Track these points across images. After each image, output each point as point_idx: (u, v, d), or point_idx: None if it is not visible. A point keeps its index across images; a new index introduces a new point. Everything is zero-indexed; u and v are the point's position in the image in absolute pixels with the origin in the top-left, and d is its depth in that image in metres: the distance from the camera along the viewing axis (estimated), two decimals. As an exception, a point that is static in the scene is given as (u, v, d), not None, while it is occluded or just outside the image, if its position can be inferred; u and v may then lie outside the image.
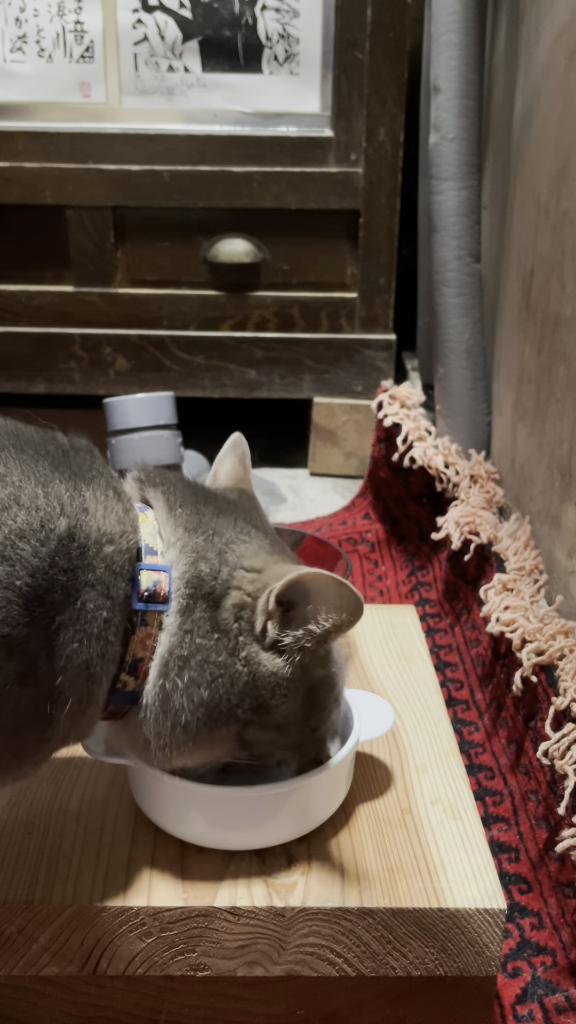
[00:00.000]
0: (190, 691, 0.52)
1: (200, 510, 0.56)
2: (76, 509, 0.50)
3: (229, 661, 0.53)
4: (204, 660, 0.52)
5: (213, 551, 0.54)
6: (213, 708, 0.52)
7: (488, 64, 1.17)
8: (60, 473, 0.51)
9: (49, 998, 0.57)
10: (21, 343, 1.40)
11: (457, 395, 1.19)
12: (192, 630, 0.52)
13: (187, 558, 0.53)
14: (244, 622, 0.53)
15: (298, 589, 0.53)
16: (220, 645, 0.53)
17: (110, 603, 0.50)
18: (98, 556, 0.50)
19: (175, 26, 1.30)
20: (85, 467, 0.53)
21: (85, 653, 0.49)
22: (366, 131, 1.33)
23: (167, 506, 0.56)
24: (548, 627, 0.79)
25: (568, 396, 0.87)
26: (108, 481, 0.53)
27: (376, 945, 0.56)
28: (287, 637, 0.53)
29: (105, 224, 1.36)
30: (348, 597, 0.52)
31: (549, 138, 0.93)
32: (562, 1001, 0.61)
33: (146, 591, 0.52)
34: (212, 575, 0.53)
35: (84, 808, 0.62)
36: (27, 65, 1.31)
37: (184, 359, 1.42)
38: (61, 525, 0.48)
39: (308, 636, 0.53)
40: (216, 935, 0.55)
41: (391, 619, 0.87)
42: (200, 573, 0.53)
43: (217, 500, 0.58)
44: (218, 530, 0.55)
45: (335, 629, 0.53)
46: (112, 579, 0.50)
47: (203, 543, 0.54)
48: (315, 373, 1.43)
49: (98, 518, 0.50)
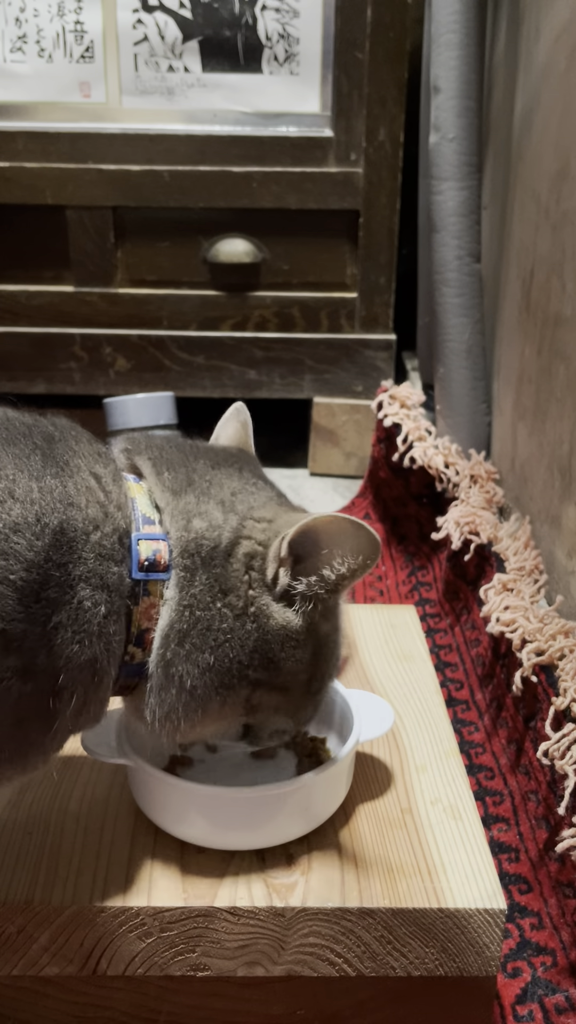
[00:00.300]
0: (193, 657, 0.51)
1: (191, 467, 0.55)
2: (64, 504, 0.49)
3: (236, 624, 0.52)
4: (207, 628, 0.52)
5: (212, 503, 0.54)
6: (224, 672, 0.52)
7: (488, 64, 1.17)
8: (49, 467, 0.50)
9: (49, 998, 0.57)
10: (21, 343, 1.40)
11: (457, 395, 1.19)
12: (192, 604, 0.52)
13: (178, 523, 0.53)
14: (255, 572, 0.53)
15: (311, 535, 0.52)
16: (225, 611, 0.52)
17: (106, 595, 0.50)
18: (86, 546, 0.49)
19: (175, 26, 1.30)
20: (68, 455, 0.52)
21: (87, 652, 0.49)
22: (366, 131, 1.33)
23: (155, 472, 0.55)
24: (548, 627, 0.79)
25: (568, 396, 0.87)
26: (89, 465, 0.52)
27: (376, 945, 0.56)
28: (300, 584, 0.53)
29: (105, 224, 1.36)
30: (365, 539, 0.51)
31: (549, 138, 0.93)
32: (562, 1001, 0.61)
33: (146, 560, 0.51)
34: (214, 527, 0.53)
35: (84, 808, 0.62)
36: (27, 65, 1.31)
37: (184, 359, 1.42)
38: (54, 520, 0.48)
39: (321, 583, 0.53)
40: (216, 935, 0.55)
41: (391, 619, 0.87)
42: (197, 535, 0.52)
43: (213, 453, 0.58)
44: (217, 481, 0.55)
45: (350, 574, 0.53)
46: (104, 566, 0.50)
47: (194, 500, 0.53)
48: (315, 373, 1.43)
49: (83, 508, 0.50)
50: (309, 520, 0.51)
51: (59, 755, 0.62)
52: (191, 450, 0.57)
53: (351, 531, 0.51)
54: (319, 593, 0.53)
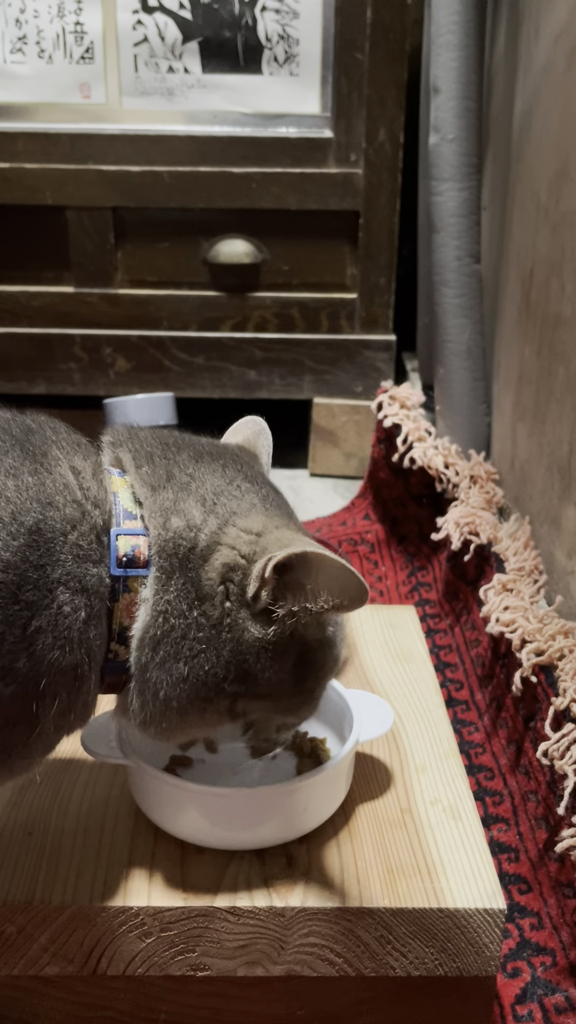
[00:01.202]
0: (167, 666, 0.50)
1: (172, 460, 0.53)
2: (42, 503, 0.48)
3: (212, 634, 0.50)
4: (181, 637, 0.50)
5: (192, 500, 0.52)
6: (199, 684, 0.51)
7: (488, 65, 1.17)
8: (27, 463, 0.49)
9: (49, 998, 0.57)
10: (21, 343, 1.40)
11: (457, 395, 1.19)
12: (166, 610, 0.50)
13: (156, 520, 0.51)
14: (234, 585, 0.51)
15: (301, 565, 0.50)
16: (201, 620, 0.50)
17: (86, 598, 0.49)
18: (64, 547, 0.48)
19: (175, 27, 1.30)
20: (47, 448, 0.51)
21: (69, 658, 0.48)
22: (366, 132, 1.33)
23: (135, 466, 0.53)
24: (548, 627, 0.79)
25: (568, 396, 0.87)
26: (68, 460, 0.51)
27: (376, 945, 0.56)
28: (280, 608, 0.51)
29: (105, 225, 1.36)
30: (353, 585, 0.50)
31: (549, 138, 0.93)
32: (562, 1001, 0.61)
33: (124, 556, 0.50)
34: (191, 527, 0.51)
35: (84, 808, 0.62)
36: (27, 66, 1.32)
37: (184, 360, 1.42)
38: (29, 519, 0.47)
39: (303, 612, 0.51)
40: (216, 935, 0.55)
41: (391, 619, 0.87)
42: (175, 534, 0.51)
43: (198, 446, 0.56)
44: (198, 477, 0.53)
45: (333, 610, 0.51)
46: (82, 568, 0.49)
47: (172, 497, 0.52)
48: (315, 374, 1.43)
49: (60, 508, 0.49)
50: (301, 550, 0.50)
51: (59, 755, 0.62)
52: (175, 442, 0.55)
53: (341, 575, 0.50)
54: (300, 617, 0.51)
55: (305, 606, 0.51)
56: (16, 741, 0.49)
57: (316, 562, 0.50)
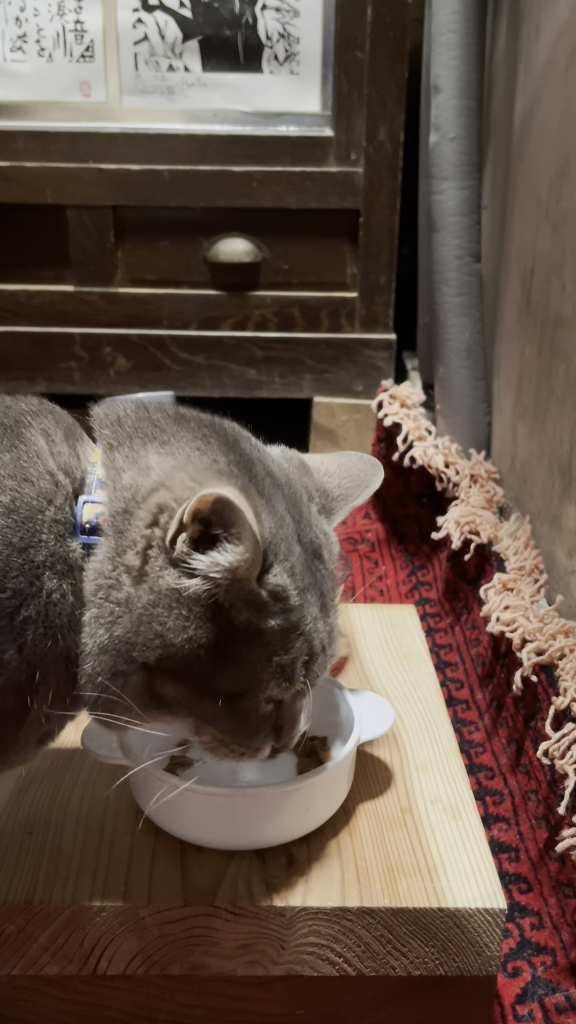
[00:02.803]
0: (93, 633, 0.47)
1: (144, 420, 0.51)
2: (17, 479, 0.47)
3: (131, 592, 0.47)
4: (105, 599, 0.47)
5: (151, 450, 0.49)
6: (114, 651, 0.47)
7: (488, 64, 1.17)
8: (6, 443, 0.48)
9: (49, 998, 0.57)
10: (21, 343, 1.40)
11: (457, 395, 1.19)
12: (100, 570, 0.47)
13: (112, 483, 0.49)
14: (158, 528, 0.47)
15: (220, 509, 0.45)
16: (123, 576, 0.47)
17: (72, 579, 0.47)
18: (43, 525, 0.47)
19: (175, 26, 1.30)
20: (18, 420, 0.49)
21: (61, 646, 0.47)
22: (366, 131, 1.33)
23: (101, 434, 0.51)
24: (548, 627, 0.79)
25: (568, 396, 0.87)
26: (41, 426, 0.49)
27: (376, 945, 0.56)
28: (194, 560, 0.46)
29: (105, 224, 1.36)
30: (248, 534, 0.45)
31: (549, 138, 0.93)
32: (562, 1001, 0.61)
33: (87, 523, 0.48)
34: (142, 473, 0.48)
35: (84, 808, 0.62)
36: (27, 64, 1.31)
37: (184, 359, 1.42)
38: (4, 498, 0.46)
39: (215, 567, 0.46)
40: (216, 935, 0.55)
41: (391, 619, 0.87)
42: (123, 491, 0.48)
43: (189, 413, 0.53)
44: (169, 431, 0.50)
45: (232, 568, 0.46)
46: (63, 547, 0.47)
47: (130, 453, 0.49)
48: (315, 373, 1.43)
49: (34, 481, 0.47)
50: (220, 491, 0.45)
51: (59, 756, 0.62)
52: (159, 407, 0.53)
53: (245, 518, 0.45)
54: (216, 578, 0.46)
55: (215, 557, 0.46)
56: (6, 734, 0.49)
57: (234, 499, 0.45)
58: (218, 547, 0.46)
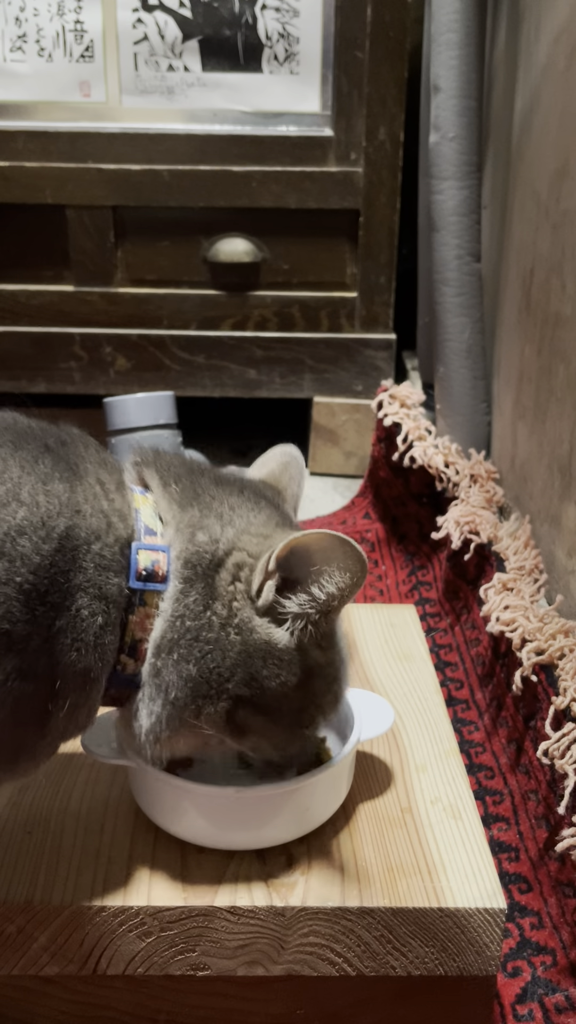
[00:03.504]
0: (180, 667, 0.52)
1: (196, 482, 0.56)
2: (71, 510, 0.50)
3: (221, 634, 0.52)
4: (195, 639, 0.52)
5: (212, 517, 0.54)
6: (201, 682, 0.52)
7: (488, 63, 1.17)
8: (59, 470, 0.51)
9: (49, 998, 0.57)
10: (21, 343, 1.40)
11: (457, 394, 1.19)
12: (184, 614, 0.52)
13: (183, 535, 0.53)
14: (241, 583, 0.53)
15: (300, 552, 0.51)
16: (213, 621, 0.52)
17: (103, 604, 0.50)
18: (87, 556, 0.50)
19: (175, 25, 1.30)
20: (78, 461, 0.52)
21: (83, 661, 0.49)
22: (366, 130, 1.33)
23: (162, 484, 0.55)
24: (548, 626, 0.79)
25: (568, 396, 0.87)
26: (96, 472, 0.53)
27: (376, 945, 0.56)
28: (290, 604, 0.52)
29: (105, 224, 1.36)
30: (352, 557, 0.51)
31: (549, 137, 0.93)
32: (562, 1001, 0.61)
33: (144, 570, 0.52)
34: (213, 541, 0.53)
35: (84, 808, 0.62)
36: (27, 64, 1.31)
37: (184, 359, 1.42)
38: (60, 524, 0.49)
39: (311, 603, 0.52)
40: (216, 935, 0.55)
41: (391, 619, 0.87)
42: (199, 548, 0.53)
43: (218, 473, 0.58)
44: (219, 497, 0.55)
45: (339, 593, 0.52)
46: (103, 577, 0.50)
47: (199, 514, 0.54)
48: (315, 373, 1.43)
49: (87, 517, 0.50)
50: (298, 536, 0.51)
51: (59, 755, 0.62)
52: (196, 467, 0.58)
53: (337, 547, 0.51)
54: (309, 614, 0.53)
55: (312, 592, 0.52)
56: (27, 742, 0.50)
57: (312, 544, 0.51)
58: (301, 588, 0.52)
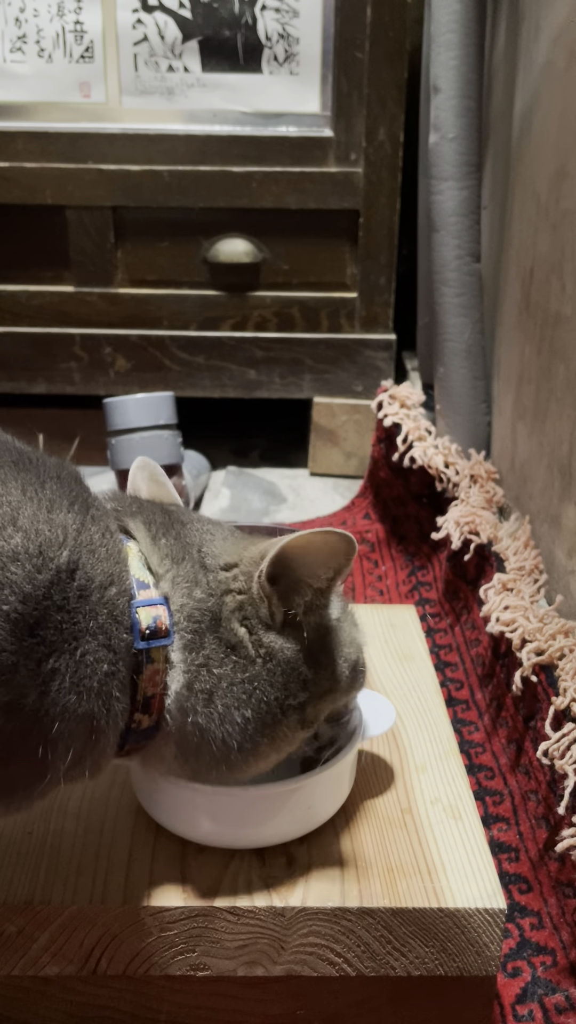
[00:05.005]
0: (231, 716, 0.52)
1: (179, 534, 0.55)
2: (81, 545, 0.47)
3: (256, 671, 0.52)
4: (231, 684, 0.52)
5: (201, 571, 0.54)
6: (264, 715, 0.52)
7: (488, 64, 1.17)
8: (69, 501, 0.49)
9: (49, 998, 0.57)
10: (21, 343, 1.40)
11: (457, 395, 1.19)
12: (207, 663, 0.52)
13: (181, 590, 0.52)
14: (250, 620, 0.53)
15: (284, 560, 0.52)
16: (241, 663, 0.52)
17: (112, 655, 0.48)
18: (101, 601, 0.48)
19: (175, 26, 1.30)
20: (92, 501, 0.51)
21: (85, 707, 0.47)
22: (366, 131, 1.33)
23: (150, 536, 0.54)
24: (548, 627, 0.79)
25: (568, 396, 0.87)
26: (106, 520, 0.52)
27: (376, 945, 0.56)
28: (296, 607, 0.53)
29: (105, 224, 1.36)
30: (336, 543, 0.51)
31: (549, 138, 0.93)
32: (562, 1001, 0.61)
33: (147, 629, 0.50)
34: (208, 596, 0.53)
35: (84, 808, 0.62)
36: (27, 65, 1.31)
37: (184, 359, 1.42)
38: (62, 556, 0.46)
39: (313, 593, 0.53)
40: (216, 935, 0.55)
41: (391, 619, 0.87)
42: (199, 604, 0.52)
43: (179, 514, 0.57)
44: (191, 542, 0.55)
45: (336, 574, 0.53)
46: (114, 627, 0.48)
47: (191, 569, 0.53)
48: (315, 373, 1.43)
49: (102, 559, 0.49)
50: (276, 549, 0.51)
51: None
52: (171, 514, 0.57)
53: (320, 541, 0.51)
54: (316, 603, 0.54)
55: (311, 586, 0.53)
56: (20, 782, 0.48)
57: (292, 550, 0.52)
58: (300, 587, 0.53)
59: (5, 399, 1.44)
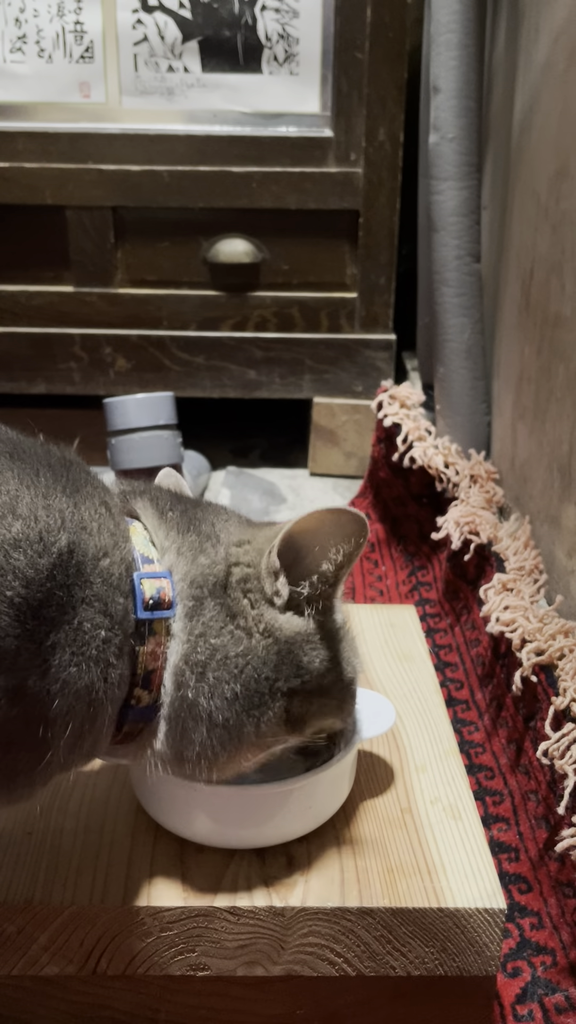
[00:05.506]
0: (220, 689, 0.51)
1: (186, 509, 0.56)
2: (76, 526, 0.48)
3: (251, 645, 0.52)
4: (225, 657, 0.52)
5: (209, 541, 0.54)
6: (251, 694, 0.52)
7: (488, 64, 1.17)
8: (61, 486, 0.50)
9: (49, 998, 0.57)
10: (21, 343, 1.40)
11: (457, 395, 1.19)
12: (205, 632, 0.52)
13: (186, 558, 0.53)
14: (254, 593, 0.53)
15: (296, 540, 0.53)
16: (238, 634, 0.52)
17: (108, 620, 0.49)
18: (95, 571, 0.48)
19: (175, 26, 1.30)
20: (81, 481, 0.52)
21: (85, 677, 0.48)
22: (366, 131, 1.33)
23: (157, 512, 0.55)
24: (548, 627, 0.79)
25: (568, 396, 0.87)
26: (100, 495, 0.52)
27: (376, 945, 0.56)
28: (304, 588, 0.53)
29: (105, 224, 1.36)
30: (348, 521, 0.52)
31: (549, 138, 0.93)
32: (562, 1001, 0.61)
33: (150, 599, 0.51)
34: (213, 563, 0.53)
35: (84, 808, 0.62)
36: (27, 65, 1.31)
37: (184, 359, 1.42)
38: (62, 540, 0.47)
39: (322, 579, 0.53)
40: (216, 935, 0.55)
41: (391, 619, 0.87)
42: (203, 569, 0.53)
43: (185, 498, 0.59)
44: (205, 520, 0.56)
45: (347, 559, 0.53)
46: (110, 593, 0.49)
47: (196, 539, 0.54)
48: (315, 373, 1.43)
49: (94, 535, 0.49)
50: (289, 527, 0.52)
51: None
52: (179, 495, 0.59)
53: (332, 520, 0.52)
54: (323, 589, 0.54)
55: (321, 570, 0.53)
56: (21, 767, 0.48)
57: (305, 528, 0.52)
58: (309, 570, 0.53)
59: (5, 399, 1.44)
